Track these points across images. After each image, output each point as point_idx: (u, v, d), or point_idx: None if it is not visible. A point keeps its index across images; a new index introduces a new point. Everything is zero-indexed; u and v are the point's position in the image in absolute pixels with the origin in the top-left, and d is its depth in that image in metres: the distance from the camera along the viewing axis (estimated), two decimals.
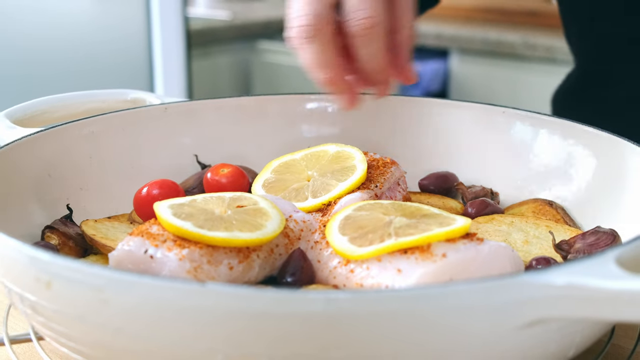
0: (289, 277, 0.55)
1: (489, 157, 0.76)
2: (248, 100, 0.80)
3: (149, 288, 0.40)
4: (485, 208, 0.68)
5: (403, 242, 0.51)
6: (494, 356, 0.43)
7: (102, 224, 0.65)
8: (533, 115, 0.73)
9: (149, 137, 0.75)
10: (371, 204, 0.57)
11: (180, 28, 2.25)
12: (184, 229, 0.52)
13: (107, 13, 2.13)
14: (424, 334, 0.40)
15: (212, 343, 0.41)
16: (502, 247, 0.53)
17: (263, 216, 0.56)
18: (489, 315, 0.41)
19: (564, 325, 0.43)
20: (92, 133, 0.71)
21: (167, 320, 0.41)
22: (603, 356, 0.55)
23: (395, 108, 0.80)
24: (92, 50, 2.11)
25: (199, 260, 0.52)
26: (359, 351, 0.40)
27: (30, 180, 0.65)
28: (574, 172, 0.69)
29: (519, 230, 0.64)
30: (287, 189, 0.66)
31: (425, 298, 0.39)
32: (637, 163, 0.62)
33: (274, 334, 0.40)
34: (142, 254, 0.53)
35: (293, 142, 0.78)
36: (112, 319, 0.42)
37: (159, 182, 0.67)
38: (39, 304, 0.45)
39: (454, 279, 0.50)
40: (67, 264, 0.42)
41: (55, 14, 2.03)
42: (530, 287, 0.40)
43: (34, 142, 0.66)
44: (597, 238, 0.59)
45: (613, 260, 0.42)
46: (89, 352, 0.46)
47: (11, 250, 0.45)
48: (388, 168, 0.67)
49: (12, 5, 1.94)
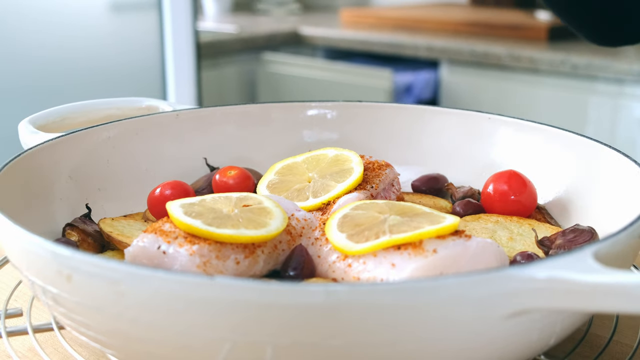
0: (291, 271, 0.55)
1: (476, 159, 0.76)
2: (253, 108, 0.80)
3: (162, 281, 0.40)
4: (471, 207, 0.68)
5: (397, 239, 0.51)
6: (481, 344, 0.43)
7: (119, 222, 0.65)
8: (516, 121, 0.73)
9: (161, 142, 0.75)
10: (367, 203, 0.57)
11: (190, 41, 2.25)
12: (194, 227, 0.52)
13: (124, 27, 2.13)
14: (417, 323, 0.40)
15: (220, 332, 0.41)
16: (488, 243, 0.53)
17: (267, 215, 0.56)
18: (477, 306, 0.41)
19: (545, 315, 0.43)
20: (109, 138, 0.71)
21: (178, 311, 0.41)
22: (582, 344, 0.55)
23: (389, 115, 0.80)
24: (109, 61, 2.12)
25: (208, 255, 0.52)
26: (356, 339, 0.40)
27: (52, 181, 0.65)
28: (554, 174, 0.69)
29: (504, 228, 0.64)
30: (289, 189, 0.66)
31: (418, 290, 0.39)
32: (613, 166, 0.62)
33: (278, 324, 0.40)
34: (155, 249, 0.53)
35: (295, 146, 0.78)
36: (127, 310, 0.42)
37: (171, 183, 0.67)
38: (60, 296, 0.45)
39: (444, 273, 0.50)
40: (86, 259, 0.42)
41: (75, 28, 2.03)
42: (515, 280, 0.40)
43: (55, 146, 0.66)
44: (576, 235, 0.59)
45: (591, 255, 0.42)
46: (106, 340, 0.46)
47: (35, 246, 0.45)
48: (383, 170, 0.67)
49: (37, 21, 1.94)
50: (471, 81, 2.31)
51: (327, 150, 0.69)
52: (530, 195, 0.67)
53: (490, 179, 0.68)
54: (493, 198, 0.67)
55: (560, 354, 0.53)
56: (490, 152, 0.75)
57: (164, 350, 0.43)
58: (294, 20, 2.91)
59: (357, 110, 0.81)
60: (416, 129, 0.79)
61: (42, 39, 1.97)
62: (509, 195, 0.66)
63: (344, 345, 0.40)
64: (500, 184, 0.67)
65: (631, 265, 0.54)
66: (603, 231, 0.60)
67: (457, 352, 0.43)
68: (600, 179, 0.64)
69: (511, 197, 0.66)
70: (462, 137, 0.77)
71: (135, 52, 2.17)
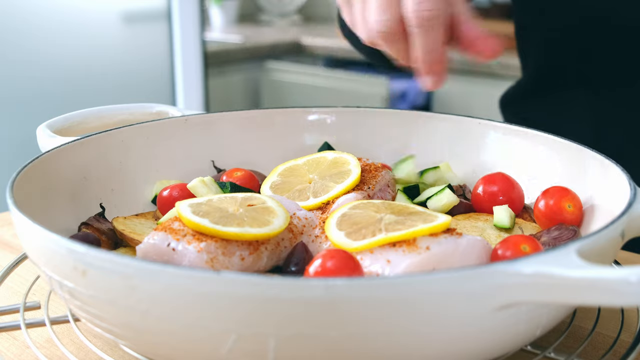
0: (293, 266, 0.55)
1: (466, 161, 0.76)
2: (257, 113, 0.80)
3: (171, 276, 0.40)
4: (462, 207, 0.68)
5: (392, 237, 0.51)
6: (471, 335, 0.43)
7: (131, 221, 0.65)
8: (505, 125, 0.73)
9: (171, 145, 0.75)
10: (364, 203, 0.57)
11: (198, 50, 2.26)
12: (201, 225, 0.52)
13: (135, 37, 2.14)
14: (411, 316, 0.40)
15: (226, 324, 0.41)
16: (478, 240, 0.53)
17: (270, 214, 0.56)
18: (467, 300, 0.41)
19: (532, 308, 0.43)
20: (122, 141, 0.71)
21: (187, 304, 0.41)
22: (566, 335, 0.55)
23: (385, 119, 0.80)
24: (122, 69, 2.12)
25: (215, 252, 0.52)
26: (353, 330, 0.40)
27: (68, 182, 0.65)
28: (540, 176, 0.69)
29: (493, 227, 0.64)
30: (291, 190, 0.66)
31: (412, 285, 0.39)
32: (595, 168, 0.62)
33: (280, 316, 0.40)
34: (165, 246, 0.53)
35: (296, 150, 0.78)
36: (139, 303, 0.42)
37: (180, 185, 0.67)
38: (76, 290, 0.45)
39: (437, 268, 0.50)
40: (100, 255, 0.42)
41: (90, 38, 2.03)
42: (503, 275, 0.40)
43: (71, 150, 0.66)
44: (560, 232, 0.59)
45: (574, 252, 0.42)
46: (119, 331, 0.46)
47: (52, 243, 0.45)
48: (379, 172, 0.67)
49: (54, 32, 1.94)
50: (462, 88, 2.31)
51: (326, 153, 0.69)
52: (518, 196, 0.67)
53: (480, 181, 0.68)
54: (483, 198, 0.67)
55: (546, 345, 0.53)
56: (480, 154, 0.75)
57: (173, 341, 0.43)
58: (296, 31, 2.91)
59: (355, 115, 0.81)
60: (410, 133, 0.79)
61: (59, 49, 1.97)
62: (498, 195, 0.67)
63: (342, 336, 0.40)
64: (489, 185, 0.67)
65: (612, 261, 0.54)
66: (586, 230, 0.60)
67: (448, 343, 0.43)
68: (583, 180, 0.64)
69: (500, 197, 0.66)
70: (453, 141, 0.77)
71: (146, 61, 2.18)
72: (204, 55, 2.28)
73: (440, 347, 0.43)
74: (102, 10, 2.05)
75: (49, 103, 1.95)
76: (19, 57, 1.90)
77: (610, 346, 0.54)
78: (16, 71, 1.90)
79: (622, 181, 0.56)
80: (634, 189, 0.54)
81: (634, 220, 0.50)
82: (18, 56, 1.90)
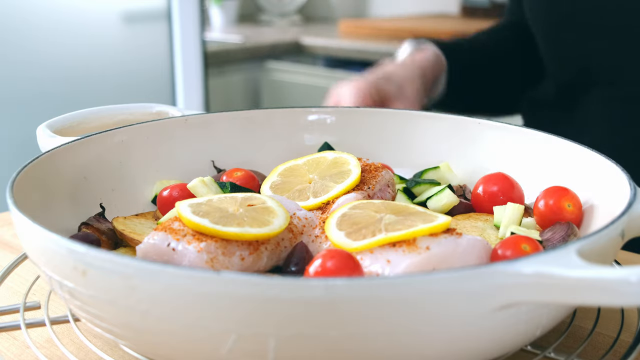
0: (293, 266, 0.55)
1: (466, 162, 0.76)
2: (257, 113, 0.80)
3: (171, 276, 0.40)
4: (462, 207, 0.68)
5: (392, 237, 0.51)
6: (471, 335, 0.43)
7: (131, 221, 0.65)
8: (504, 125, 0.73)
9: (171, 145, 0.75)
10: (364, 203, 0.57)
11: (198, 50, 2.26)
12: (201, 225, 0.52)
13: (135, 37, 2.14)
14: (411, 316, 0.40)
15: (226, 324, 0.41)
16: (478, 240, 0.53)
17: (270, 214, 0.56)
18: (467, 300, 0.41)
19: (532, 308, 0.43)
20: (122, 141, 0.71)
21: (187, 304, 0.41)
22: (566, 335, 0.55)
23: (385, 120, 0.80)
24: (122, 70, 2.12)
25: (215, 252, 0.52)
26: (353, 330, 0.40)
27: (68, 182, 0.65)
28: (540, 176, 0.69)
29: (493, 227, 0.64)
30: (291, 190, 0.66)
31: (412, 285, 0.39)
32: (595, 168, 0.62)
33: (280, 316, 0.40)
34: (165, 246, 0.53)
35: (296, 150, 0.78)
36: (139, 303, 0.42)
37: (180, 185, 0.67)
38: (76, 290, 0.45)
39: (437, 268, 0.50)
40: (100, 255, 0.42)
41: (90, 39, 2.03)
42: (503, 275, 0.40)
43: (71, 149, 0.66)
44: (554, 228, 0.60)
45: (575, 252, 0.42)
46: (119, 331, 0.46)
47: (52, 243, 0.45)
48: (379, 172, 0.67)
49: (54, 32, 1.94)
50: None
51: (326, 153, 0.69)
52: (518, 196, 0.67)
53: (480, 181, 0.68)
54: (483, 198, 0.67)
55: (546, 345, 0.53)
56: (479, 154, 0.75)
57: (173, 341, 0.43)
58: (296, 31, 2.91)
59: (355, 115, 0.81)
60: (410, 133, 0.79)
61: (59, 49, 1.97)
62: (498, 195, 0.67)
63: (343, 336, 0.40)
64: (489, 185, 0.67)
65: (612, 261, 0.54)
66: (586, 230, 0.60)
67: (449, 343, 0.43)
68: (583, 180, 0.64)
69: (500, 197, 0.66)
70: (453, 141, 0.77)
71: (146, 61, 2.18)
72: (204, 55, 2.28)
73: (440, 347, 0.43)
74: (102, 10, 2.05)
75: (49, 103, 1.95)
76: (19, 57, 1.90)
77: (610, 346, 0.54)
78: (16, 71, 1.90)
79: (622, 181, 0.56)
80: (634, 189, 0.54)
81: (634, 220, 0.50)
82: (18, 56, 1.90)
